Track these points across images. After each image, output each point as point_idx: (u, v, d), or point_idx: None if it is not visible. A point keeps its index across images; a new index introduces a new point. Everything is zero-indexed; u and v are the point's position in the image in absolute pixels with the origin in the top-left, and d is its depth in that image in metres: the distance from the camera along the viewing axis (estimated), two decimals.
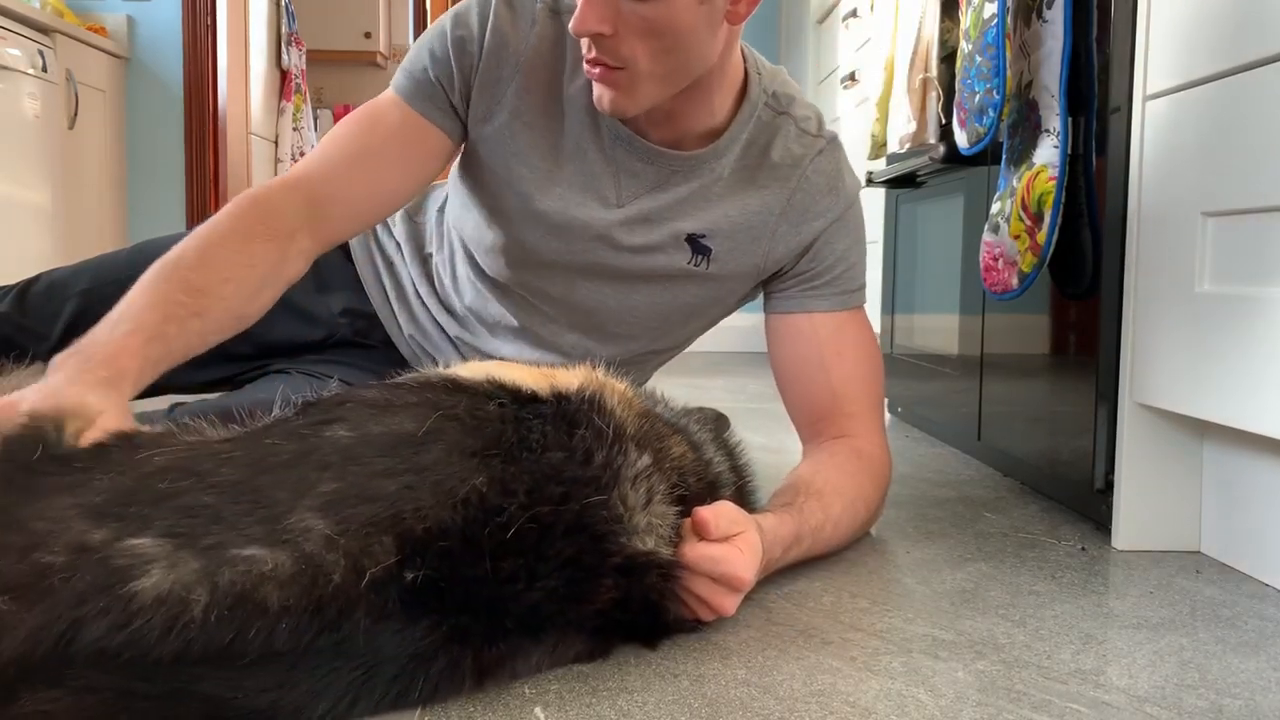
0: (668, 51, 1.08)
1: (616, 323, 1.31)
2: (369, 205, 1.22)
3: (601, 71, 1.11)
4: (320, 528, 0.69)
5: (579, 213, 1.24)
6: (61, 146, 3.22)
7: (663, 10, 1.05)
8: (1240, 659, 0.89)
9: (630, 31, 1.06)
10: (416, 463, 0.76)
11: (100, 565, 0.65)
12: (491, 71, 1.21)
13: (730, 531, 0.88)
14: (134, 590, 0.64)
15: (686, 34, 1.08)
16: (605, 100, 1.13)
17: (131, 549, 0.66)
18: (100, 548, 0.66)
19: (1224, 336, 1.07)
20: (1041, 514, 1.41)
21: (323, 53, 4.91)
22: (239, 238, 1.08)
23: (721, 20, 1.10)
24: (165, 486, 0.72)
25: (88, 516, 0.68)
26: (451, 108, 1.23)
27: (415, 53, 1.24)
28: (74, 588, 0.64)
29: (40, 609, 0.63)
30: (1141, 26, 1.22)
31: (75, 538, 0.67)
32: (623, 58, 1.08)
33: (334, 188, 1.17)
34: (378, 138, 1.20)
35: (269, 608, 0.66)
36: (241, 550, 0.67)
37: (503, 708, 0.75)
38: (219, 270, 1.04)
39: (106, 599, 0.63)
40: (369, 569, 0.69)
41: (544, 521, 0.76)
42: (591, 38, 1.08)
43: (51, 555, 0.65)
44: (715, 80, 1.18)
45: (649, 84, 1.11)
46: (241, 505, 0.70)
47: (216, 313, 1.03)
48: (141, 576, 0.64)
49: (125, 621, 0.63)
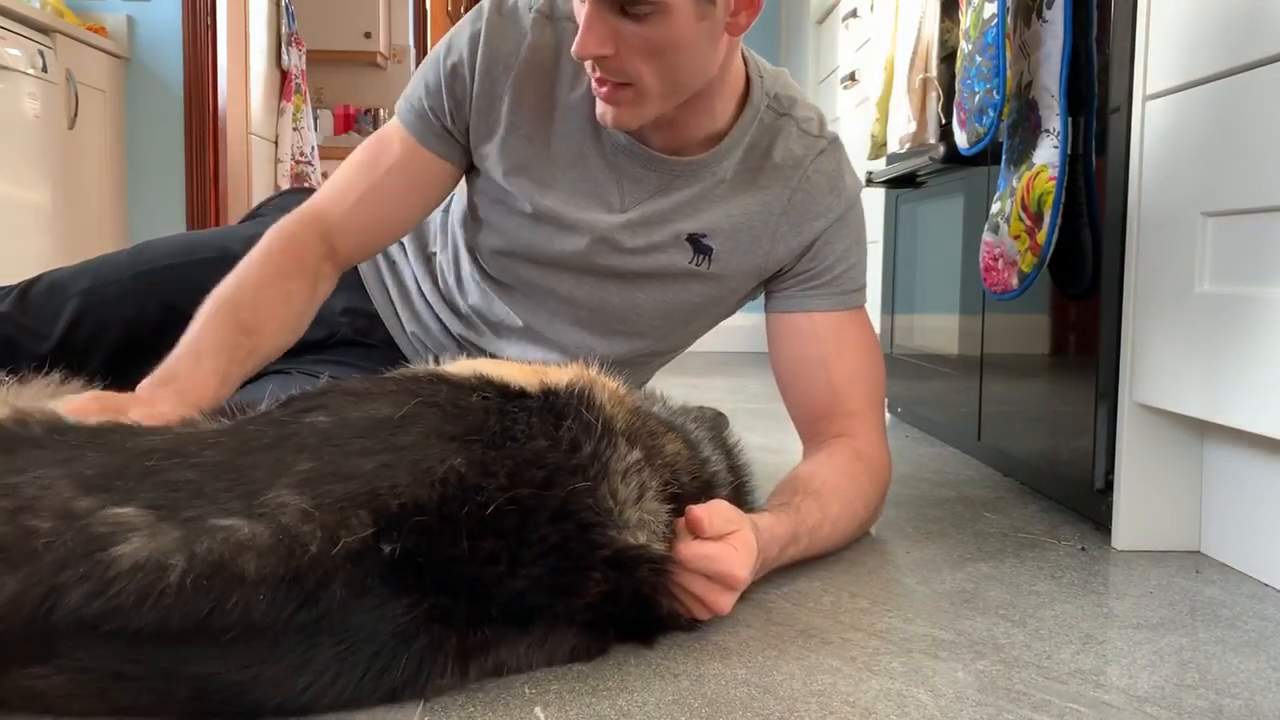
0: (671, 68, 1.10)
1: (620, 321, 1.31)
2: (379, 232, 1.29)
3: (608, 90, 1.12)
4: (296, 502, 0.70)
5: (582, 217, 1.25)
6: (61, 146, 3.22)
7: (663, 30, 1.06)
8: (1240, 659, 0.89)
9: (632, 51, 1.08)
10: (394, 443, 0.77)
11: (82, 532, 0.66)
12: (487, 91, 1.23)
13: (725, 530, 0.88)
14: (113, 556, 0.65)
15: (688, 50, 1.09)
16: (610, 116, 1.15)
17: (114, 517, 0.67)
18: (84, 515, 0.67)
19: (1224, 336, 1.07)
20: (1041, 514, 1.41)
21: (323, 53, 4.90)
22: (278, 277, 1.19)
23: (722, 33, 1.11)
24: (151, 464, 0.73)
25: (76, 486, 0.70)
26: (449, 134, 1.26)
27: (414, 82, 1.28)
28: (56, 553, 0.65)
29: (22, 574, 0.64)
30: (1141, 26, 1.22)
31: (62, 504, 0.68)
32: (627, 75, 1.10)
33: (346, 221, 1.25)
34: (381, 170, 1.26)
35: (246, 577, 0.66)
36: (220, 520, 0.68)
37: (503, 707, 0.75)
38: (266, 310, 1.17)
39: (86, 565, 0.64)
40: (344, 539, 0.69)
41: (525, 504, 0.76)
42: (595, 60, 1.09)
43: (38, 519, 0.67)
44: (717, 88, 1.19)
45: (654, 99, 1.13)
46: (223, 482, 0.72)
47: (265, 349, 1.16)
48: (121, 543, 0.65)
49: (102, 589, 0.64)
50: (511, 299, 1.34)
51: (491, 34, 1.21)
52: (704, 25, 1.08)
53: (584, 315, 1.31)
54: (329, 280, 1.25)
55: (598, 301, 1.30)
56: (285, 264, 1.20)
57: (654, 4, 1.03)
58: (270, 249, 1.21)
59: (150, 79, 3.74)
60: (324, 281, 1.24)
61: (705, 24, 1.08)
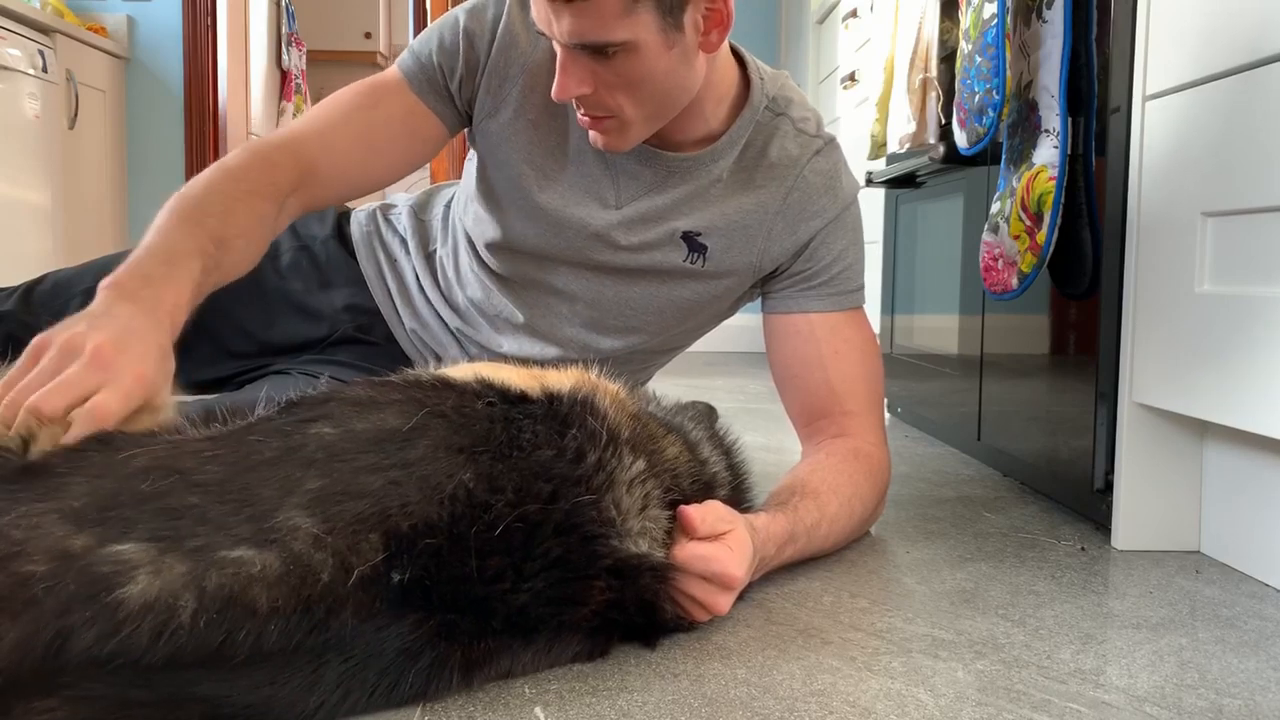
0: (649, 97, 1.12)
1: (615, 316, 1.31)
2: (358, 179, 1.25)
3: (591, 121, 1.15)
4: (308, 526, 0.69)
5: (578, 212, 1.25)
6: (61, 146, 3.22)
7: (634, 64, 1.08)
8: (1240, 659, 0.89)
9: (610, 87, 1.10)
10: (402, 458, 0.76)
11: (83, 573, 0.63)
12: (500, 69, 1.24)
13: (719, 529, 0.88)
14: (120, 598, 0.63)
15: (663, 78, 1.11)
16: (600, 143, 1.18)
17: (115, 555, 0.65)
18: (83, 554, 0.64)
19: (1224, 336, 1.07)
20: (1041, 514, 1.41)
21: (323, 53, 4.90)
22: (249, 195, 1.11)
23: (695, 53, 1.12)
24: (147, 488, 0.70)
25: (67, 521, 0.67)
26: (450, 96, 1.26)
27: (425, 36, 1.27)
28: (58, 597, 0.62)
29: (24, 620, 0.61)
30: (1141, 26, 1.22)
31: (55, 544, 0.65)
32: (608, 108, 1.13)
33: (328, 157, 1.20)
34: (379, 116, 1.23)
35: (258, 609, 0.65)
36: (229, 552, 0.66)
37: (503, 707, 0.75)
38: (236, 224, 1.08)
39: (93, 608, 0.62)
40: (357, 567, 0.68)
41: (531, 520, 0.76)
42: (575, 99, 1.12)
43: (32, 564, 0.63)
44: (705, 94, 1.20)
45: (637, 125, 1.16)
46: (228, 505, 0.70)
47: (228, 265, 1.08)
48: (128, 584, 0.63)
49: (113, 631, 0.62)
50: (509, 293, 1.34)
51: (512, 21, 1.23)
52: (675, 52, 1.09)
53: (579, 309, 1.32)
54: (289, 216, 1.19)
55: (593, 296, 1.30)
56: (258, 183, 1.13)
57: (620, 44, 1.05)
58: (244, 164, 1.14)
59: (150, 79, 3.74)
60: (285, 215, 1.17)
61: (676, 50, 1.09)
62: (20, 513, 0.67)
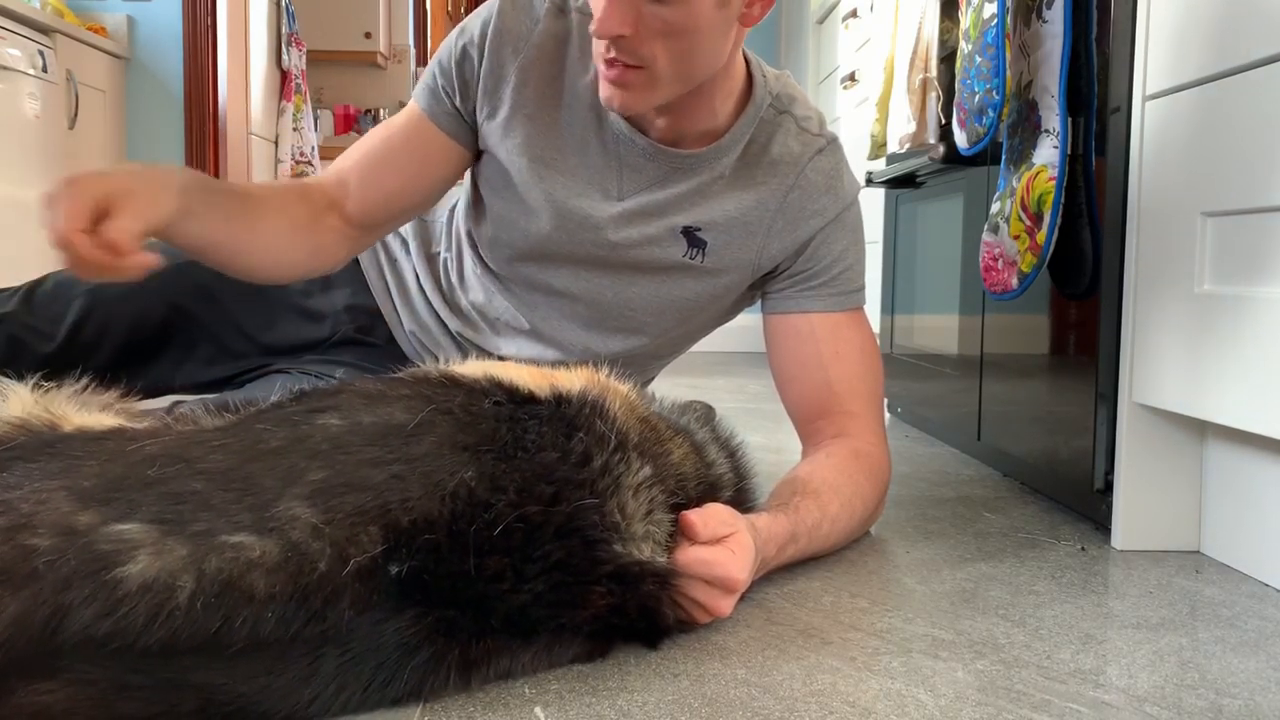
0: (685, 52, 1.12)
1: (615, 316, 1.31)
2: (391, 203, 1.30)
3: (619, 71, 1.13)
4: (307, 516, 0.70)
5: (579, 203, 1.26)
6: (61, 146, 3.21)
7: (683, 13, 1.08)
8: (1240, 659, 0.89)
9: (650, 33, 1.09)
10: (406, 453, 0.76)
11: (85, 550, 0.64)
12: (494, 71, 1.25)
13: (721, 533, 0.88)
14: (120, 576, 0.64)
15: (704, 35, 1.11)
16: (616, 100, 1.16)
17: (118, 534, 0.66)
18: (86, 531, 0.66)
19: (1224, 336, 1.07)
20: (1041, 514, 1.41)
21: (323, 53, 4.90)
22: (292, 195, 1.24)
23: (735, 22, 1.14)
24: (154, 473, 0.72)
25: (75, 499, 0.68)
26: (459, 115, 1.28)
27: (430, 64, 1.32)
28: (59, 572, 0.63)
29: (25, 594, 0.63)
30: (1141, 26, 1.22)
31: (60, 519, 0.66)
32: (641, 57, 1.11)
33: (355, 183, 1.27)
34: (395, 143, 1.29)
35: (255, 595, 0.66)
36: (230, 537, 0.67)
37: (503, 707, 0.75)
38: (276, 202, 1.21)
39: (92, 585, 0.63)
40: (354, 558, 0.69)
41: (532, 521, 0.76)
42: (612, 39, 1.10)
43: (37, 538, 0.65)
44: (718, 82, 1.20)
45: (663, 83, 1.14)
46: (231, 492, 0.71)
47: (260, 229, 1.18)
48: (128, 562, 0.64)
49: (111, 609, 0.63)
50: (511, 295, 1.34)
51: (503, 18, 1.24)
52: (722, 13, 1.10)
53: (580, 310, 1.32)
54: (334, 233, 1.26)
55: (593, 295, 1.30)
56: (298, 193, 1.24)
57: None
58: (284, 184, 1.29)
59: (150, 79, 3.74)
60: (328, 229, 1.25)
61: (723, 12, 1.10)
62: (32, 488, 0.69)
